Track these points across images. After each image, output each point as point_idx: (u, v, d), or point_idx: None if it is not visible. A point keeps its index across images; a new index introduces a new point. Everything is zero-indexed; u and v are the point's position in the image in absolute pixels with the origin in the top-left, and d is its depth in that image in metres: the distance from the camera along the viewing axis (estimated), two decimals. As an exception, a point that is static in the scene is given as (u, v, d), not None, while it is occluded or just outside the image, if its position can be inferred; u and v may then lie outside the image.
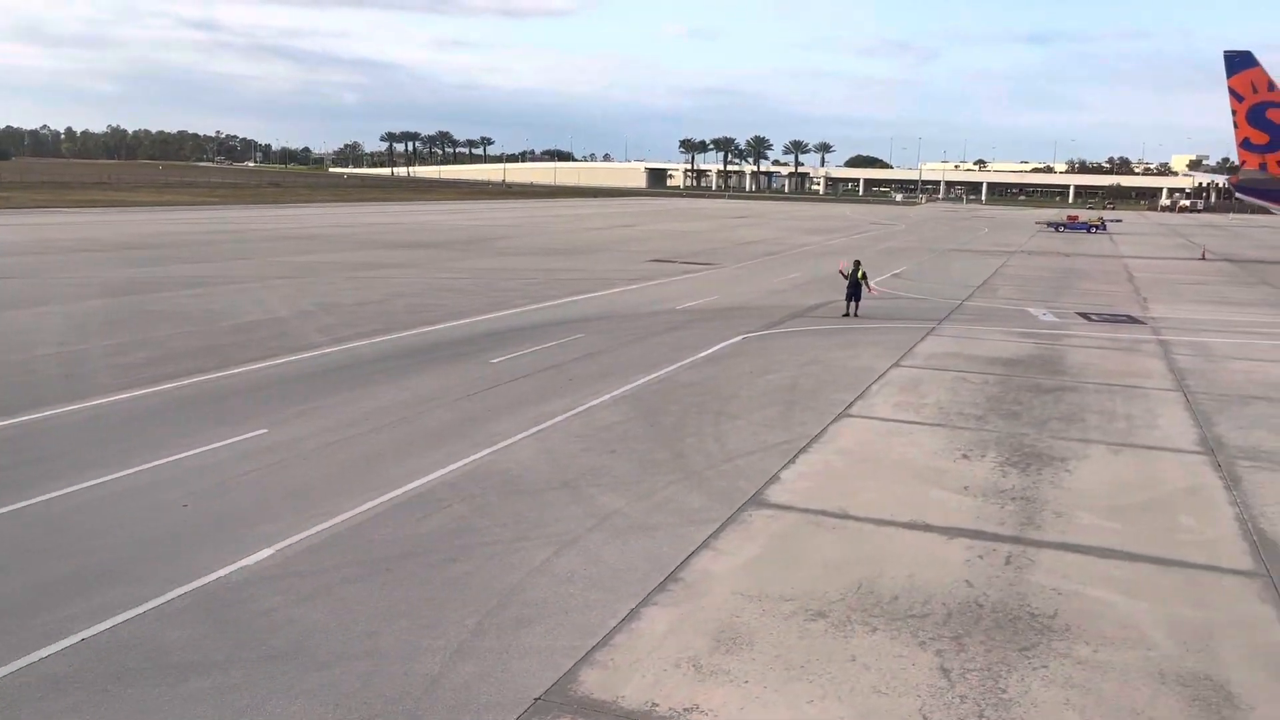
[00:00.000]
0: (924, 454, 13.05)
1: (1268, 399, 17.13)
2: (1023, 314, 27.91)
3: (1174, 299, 33.18)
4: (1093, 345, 22.48)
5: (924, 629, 7.96)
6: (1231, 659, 7.65)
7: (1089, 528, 10.44)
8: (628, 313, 25.87)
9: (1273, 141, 51.14)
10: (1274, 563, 9.60)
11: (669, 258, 44.25)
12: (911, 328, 24.19)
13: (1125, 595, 8.76)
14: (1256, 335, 24.83)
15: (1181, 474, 12.50)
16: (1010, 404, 16.12)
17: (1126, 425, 14.93)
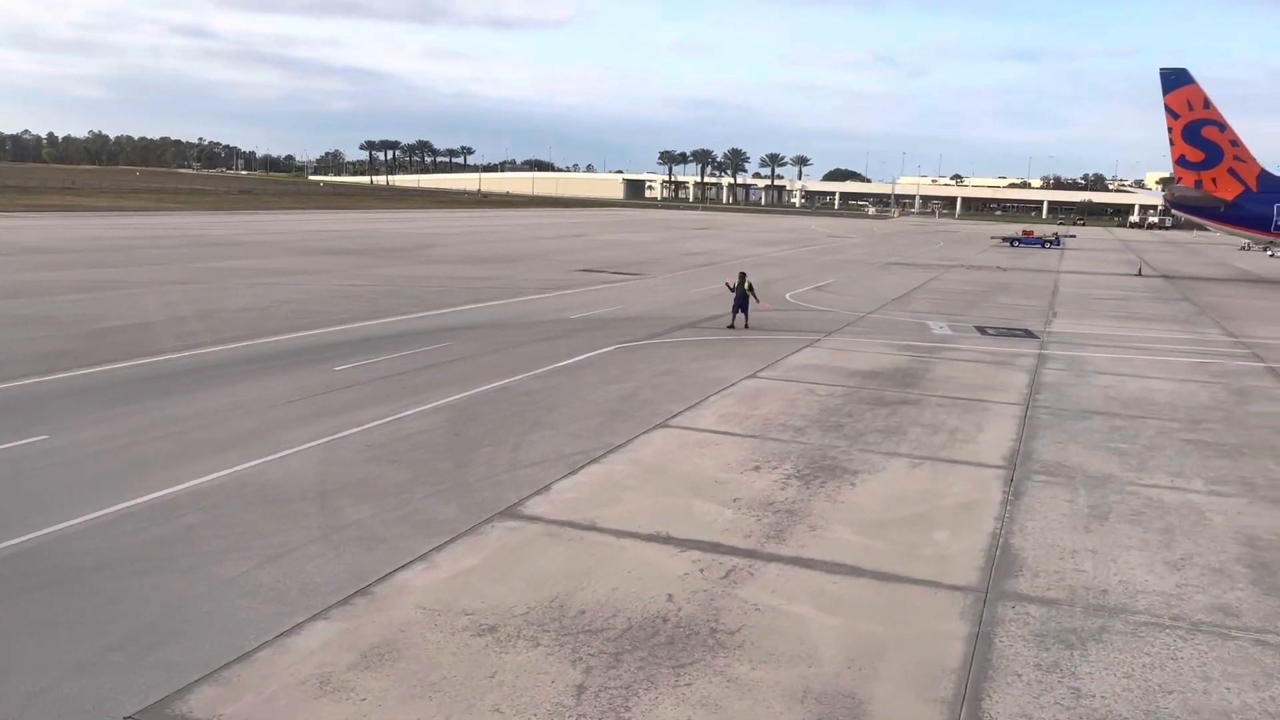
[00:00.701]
0: (717, 465, 12.88)
1: (1107, 414, 17.07)
2: (920, 327, 27.88)
3: (1084, 313, 33.26)
4: (968, 359, 22.42)
5: (589, 645, 7.76)
6: (889, 676, 7.47)
7: (834, 542, 10.28)
8: (516, 321, 25.67)
9: (1208, 159, 51.53)
10: (1000, 579, 9.47)
11: (599, 267, 44.10)
12: (795, 339, 24.08)
13: (825, 611, 8.58)
14: (1142, 351, 24.85)
15: (967, 488, 12.37)
16: (841, 416, 15.99)
17: (946, 439, 14.81)
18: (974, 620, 8.50)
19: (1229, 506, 12.05)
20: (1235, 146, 51.41)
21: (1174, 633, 8.41)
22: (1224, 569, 9.96)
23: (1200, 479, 13.21)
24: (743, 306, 25.55)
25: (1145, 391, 19.29)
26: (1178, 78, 51.74)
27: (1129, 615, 8.74)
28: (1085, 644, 8.14)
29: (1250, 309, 37.55)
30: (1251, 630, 8.52)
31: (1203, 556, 10.27)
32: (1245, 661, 7.94)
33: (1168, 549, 10.45)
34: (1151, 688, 7.46)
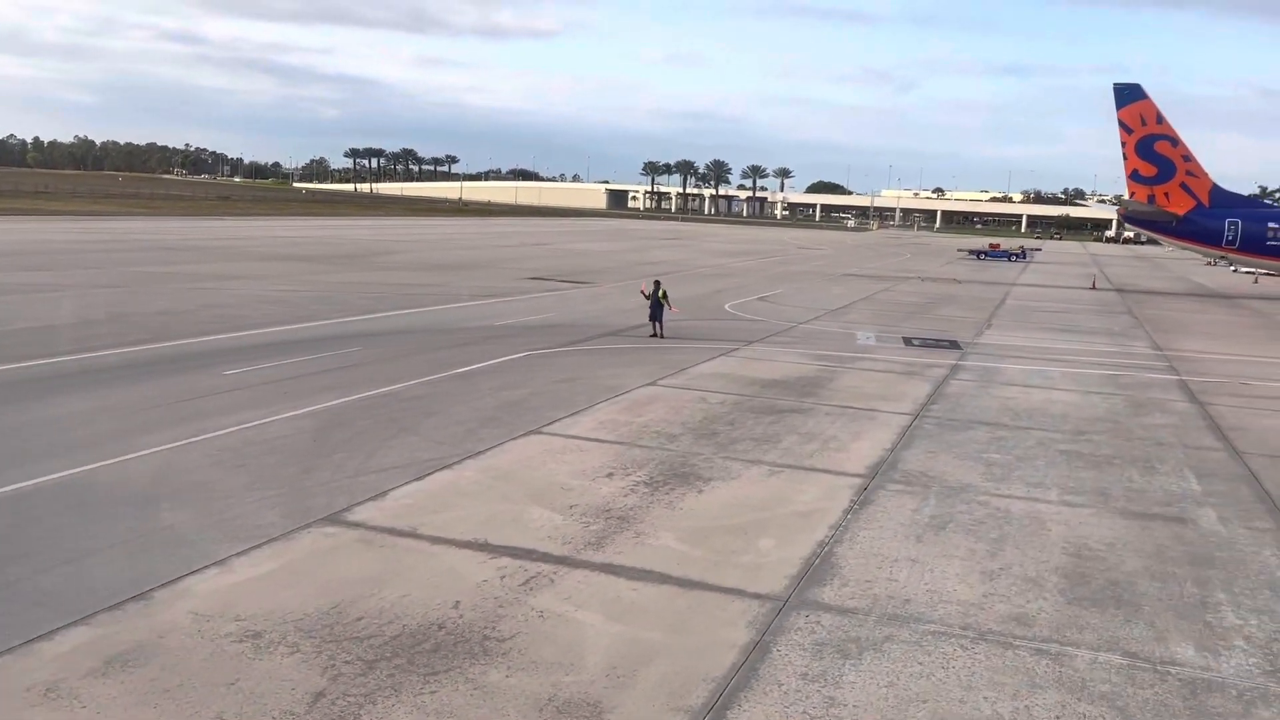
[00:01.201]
0: (571, 472, 12.78)
1: (995, 424, 17.06)
2: (848, 337, 27.89)
3: (1021, 325, 33.36)
4: (880, 369, 22.42)
5: (350, 652, 7.63)
6: (645, 685, 7.36)
7: (654, 549, 10.18)
8: (437, 328, 25.54)
9: (1161, 174, 51.87)
10: (806, 588, 9.39)
11: (550, 276, 44.02)
12: (713, 348, 24.02)
13: (611, 619, 8.48)
14: (1062, 363, 24.90)
15: (815, 497, 12.30)
16: (722, 424, 15.92)
17: (818, 447, 14.76)
18: (760, 629, 8.42)
19: (1074, 517, 12.02)
20: (1188, 161, 51.78)
21: (957, 642, 8.35)
22: (1039, 579, 9.91)
23: (1057, 489, 13.19)
24: (657, 315, 25.51)
25: (1045, 403, 19.31)
26: (1131, 93, 52.10)
27: (920, 625, 8.68)
28: (863, 653, 8.07)
29: (1190, 322, 37.76)
30: (1037, 640, 8.46)
31: (1023, 567, 10.22)
32: (1016, 671, 7.88)
33: (991, 559, 10.41)
34: (908, 697, 7.39)
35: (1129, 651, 8.34)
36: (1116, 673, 7.94)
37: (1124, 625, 8.87)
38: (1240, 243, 50.60)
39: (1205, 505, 12.82)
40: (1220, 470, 14.71)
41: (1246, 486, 13.86)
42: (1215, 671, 8.05)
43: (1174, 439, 16.68)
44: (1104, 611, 9.16)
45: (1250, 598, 9.70)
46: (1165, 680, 7.86)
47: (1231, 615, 9.24)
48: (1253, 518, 12.36)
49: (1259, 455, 15.80)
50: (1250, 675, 8.01)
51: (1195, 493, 13.41)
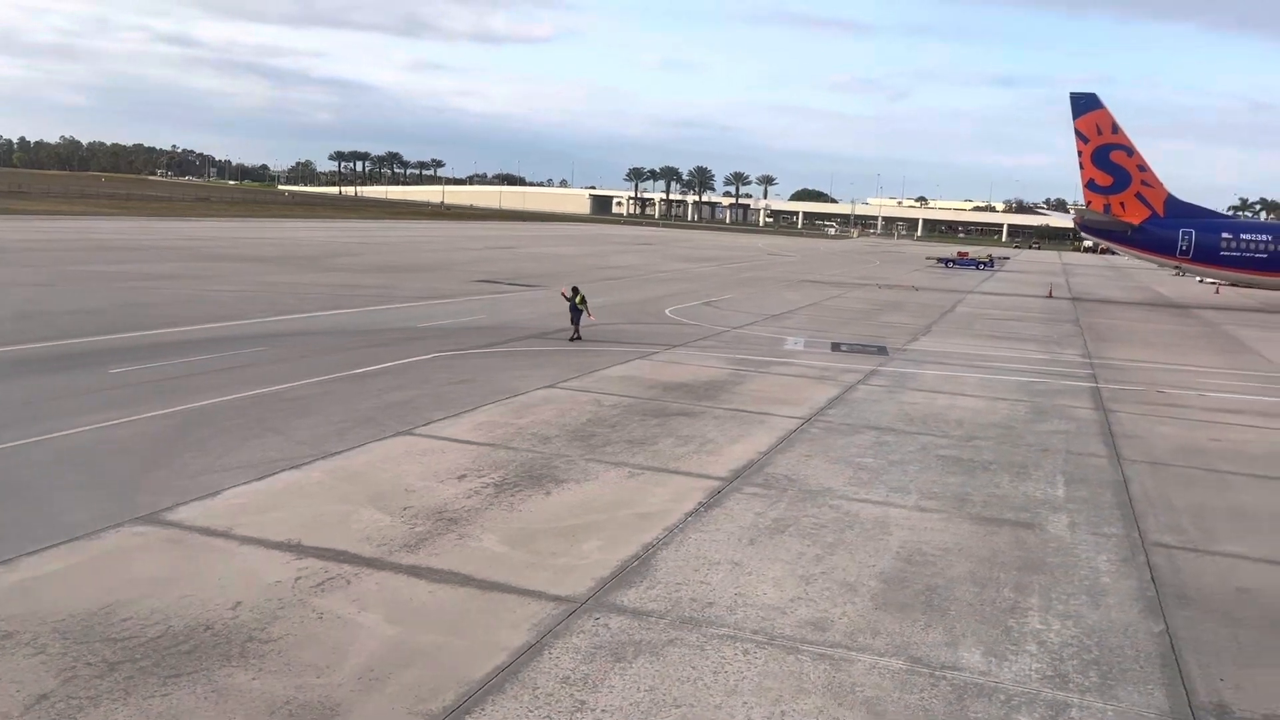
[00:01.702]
0: (423, 473, 12.61)
1: (884, 429, 16.97)
2: (777, 342, 27.79)
3: (959, 332, 33.34)
4: (793, 374, 22.32)
5: (98, 654, 7.44)
6: (395, 687, 7.20)
7: (470, 551, 10.02)
8: (358, 329, 25.34)
9: (1116, 183, 52.06)
10: (611, 591, 9.24)
11: (500, 279, 43.85)
12: (632, 352, 23.89)
13: (390, 621, 8.30)
14: (983, 369, 24.85)
15: (664, 500, 12.15)
16: (604, 427, 15.77)
17: (691, 450, 14.62)
18: (542, 632, 8.26)
19: (922, 522, 11.92)
20: (1143, 171, 52.00)
21: (742, 647, 8.21)
22: (857, 584, 9.79)
23: (918, 494, 13.08)
24: (577, 319, 25.38)
25: (947, 408, 19.24)
26: (1087, 102, 52.30)
27: (712, 629, 8.54)
28: (637, 657, 7.93)
29: (1132, 331, 37.83)
30: (825, 645, 8.34)
31: (845, 571, 10.11)
32: (788, 677, 7.75)
33: (816, 564, 10.28)
34: (663, 702, 7.25)
35: (914, 657, 8.23)
36: (891, 678, 7.82)
37: (921, 630, 8.76)
38: (1194, 253, 50.81)
39: (1062, 511, 12.74)
40: (1094, 477, 14.64)
41: (1112, 493, 13.79)
42: (992, 677, 7.94)
43: (1061, 445, 16.61)
44: (906, 617, 9.04)
45: (1064, 603, 9.61)
46: (937, 685, 7.74)
47: (1036, 621, 9.13)
48: (1104, 524, 12.28)
49: (1140, 462, 15.76)
50: (1026, 681, 7.91)
51: (1057, 499, 13.32)
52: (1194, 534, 12.14)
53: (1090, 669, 8.19)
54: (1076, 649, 8.55)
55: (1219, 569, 10.92)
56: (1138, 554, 11.19)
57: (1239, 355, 31.63)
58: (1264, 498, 14.02)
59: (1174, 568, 10.85)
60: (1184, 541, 11.83)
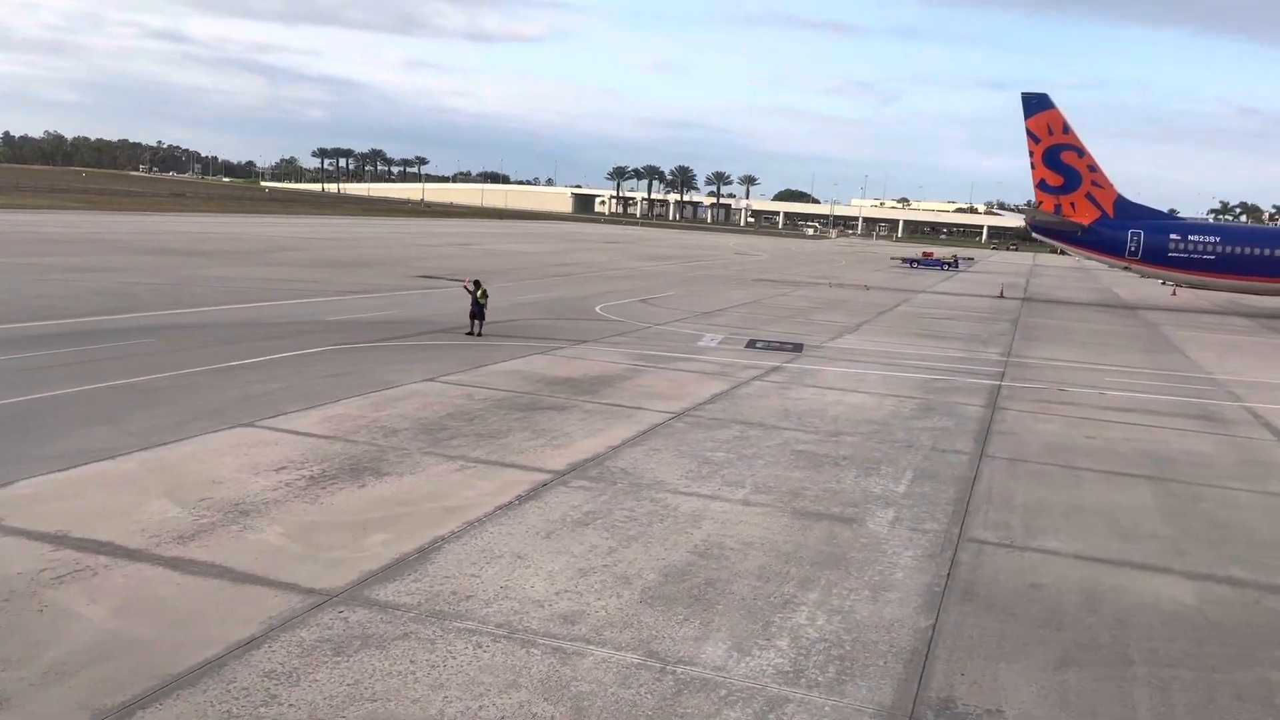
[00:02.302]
0: (243, 466, 12.35)
1: (752, 424, 16.78)
2: (693, 339, 27.61)
3: (887, 331, 33.22)
4: (691, 370, 22.14)
5: None
6: (79, 681, 6.95)
7: (246, 543, 9.75)
8: (265, 321, 25.04)
9: (1067, 184, 52.16)
10: (374, 584, 9.01)
11: (441, 275, 43.52)
12: (531, 347, 23.67)
13: (117, 614, 8.03)
14: (892, 367, 24.72)
15: (483, 493, 11.92)
16: (459, 420, 15.53)
17: (538, 444, 14.38)
18: (272, 625, 8.05)
19: (740, 516, 11.74)
20: (1093, 172, 52.11)
21: (478, 640, 8.00)
22: (635, 577, 9.60)
23: (751, 489, 12.91)
24: (478, 314, 25.13)
25: (830, 405, 19.10)
26: (1039, 102, 52.37)
27: (457, 622, 8.32)
28: (360, 651, 7.70)
29: (1066, 330, 37.80)
30: (565, 639, 8.13)
31: (630, 565, 9.91)
32: (509, 670, 7.54)
33: (604, 557, 10.08)
34: (360, 696, 7.03)
35: (652, 651, 8.04)
36: (616, 672, 7.64)
37: (676, 625, 8.57)
38: (1142, 253, 50.93)
39: (893, 507, 12.59)
40: (945, 473, 14.50)
41: (955, 489, 13.65)
42: (723, 672, 7.76)
43: (929, 442, 16.48)
44: (669, 610, 8.86)
45: (843, 599, 9.44)
46: (660, 680, 7.55)
47: (803, 616, 8.96)
48: (928, 520, 12.13)
49: (1001, 459, 15.64)
50: (757, 677, 7.73)
51: (894, 494, 13.17)
52: (1016, 530, 12.01)
53: (832, 665, 8.02)
54: (829, 645, 8.39)
55: (1022, 565, 10.79)
56: (946, 550, 11.04)
57: (1163, 355, 31.63)
58: (1106, 494, 13.91)
59: (977, 564, 10.72)
60: (1002, 538, 11.70)
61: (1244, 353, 33.73)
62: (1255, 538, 12.30)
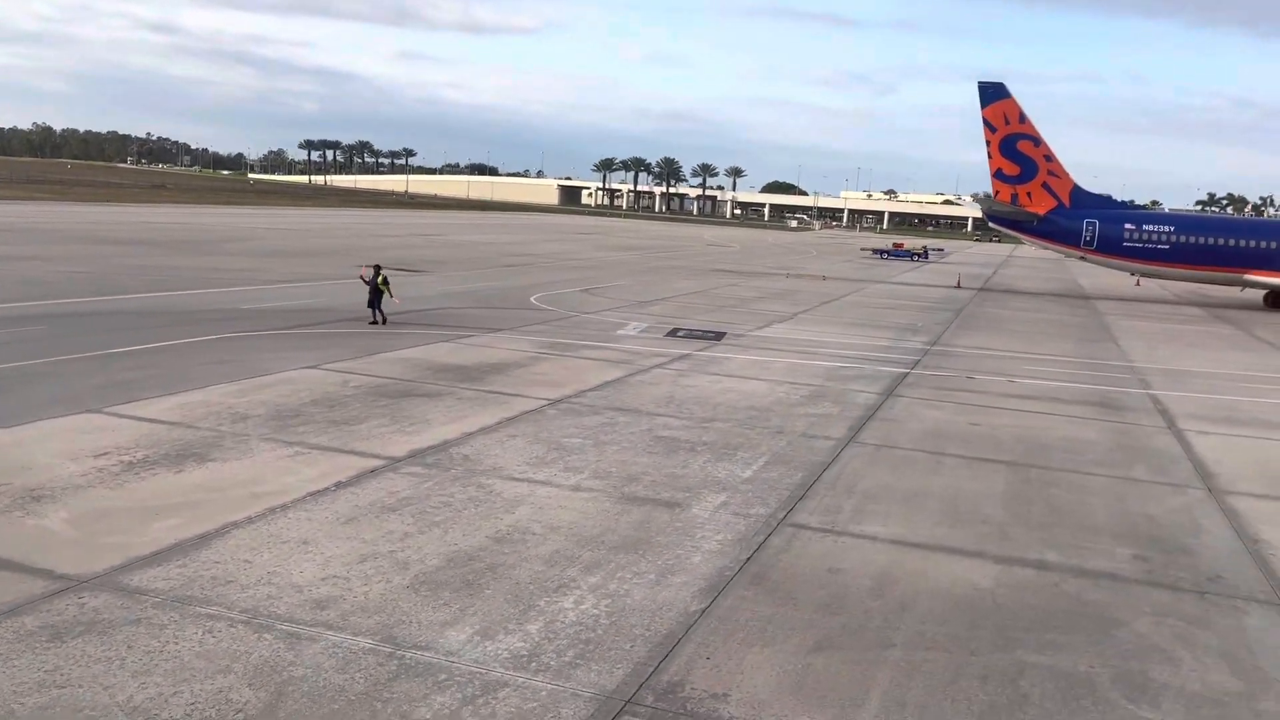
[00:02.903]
0: (59, 452, 12.08)
1: (627, 410, 16.60)
2: (616, 327, 27.44)
3: (820, 320, 33.05)
4: (594, 358, 21.94)
5: None
6: None
7: (17, 529, 9.55)
8: (175, 309, 24.74)
9: (1024, 173, 52.01)
10: (133, 570, 8.82)
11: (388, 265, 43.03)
12: (437, 335, 23.47)
13: None
14: (806, 355, 24.57)
15: (304, 479, 11.70)
16: (320, 407, 15.32)
17: (392, 430, 14.19)
18: (34, 615, 7.87)
19: (561, 501, 11.56)
20: (1049, 161, 51.96)
21: (212, 625, 7.79)
22: (415, 563, 9.42)
23: (590, 474, 12.72)
24: (376, 302, 24.83)
25: (719, 392, 18.89)
26: (995, 91, 52.18)
27: (200, 607, 8.11)
28: (80, 637, 7.48)
29: (1008, 319, 37.69)
30: (307, 624, 7.93)
31: (418, 550, 9.73)
32: (227, 656, 7.32)
33: (396, 542, 9.90)
34: (51, 683, 6.82)
35: (390, 637, 7.83)
36: (340, 658, 7.43)
37: (431, 610, 8.37)
38: (1097, 243, 50.83)
39: (727, 492, 12.42)
40: (802, 459, 14.36)
41: (804, 475, 13.50)
42: (453, 657, 7.55)
43: (802, 429, 16.33)
44: (433, 596, 8.66)
45: (622, 583, 9.24)
46: (384, 665, 7.34)
47: (570, 601, 8.76)
48: (757, 505, 11.96)
49: (869, 445, 15.51)
50: (487, 661, 7.50)
51: (736, 480, 13.01)
52: (845, 515, 11.87)
53: (573, 649, 7.87)
54: (582, 629, 8.23)
55: (831, 549, 10.65)
56: (759, 535, 10.89)
57: (1094, 344, 31.53)
58: (959, 480, 13.78)
59: (785, 548, 10.57)
60: (825, 523, 11.55)
61: (1179, 342, 33.66)
62: (1088, 523, 12.18)
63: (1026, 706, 7.49)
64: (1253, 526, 12.51)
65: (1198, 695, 7.85)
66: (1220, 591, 10.16)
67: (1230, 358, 30.10)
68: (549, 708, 6.97)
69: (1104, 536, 11.72)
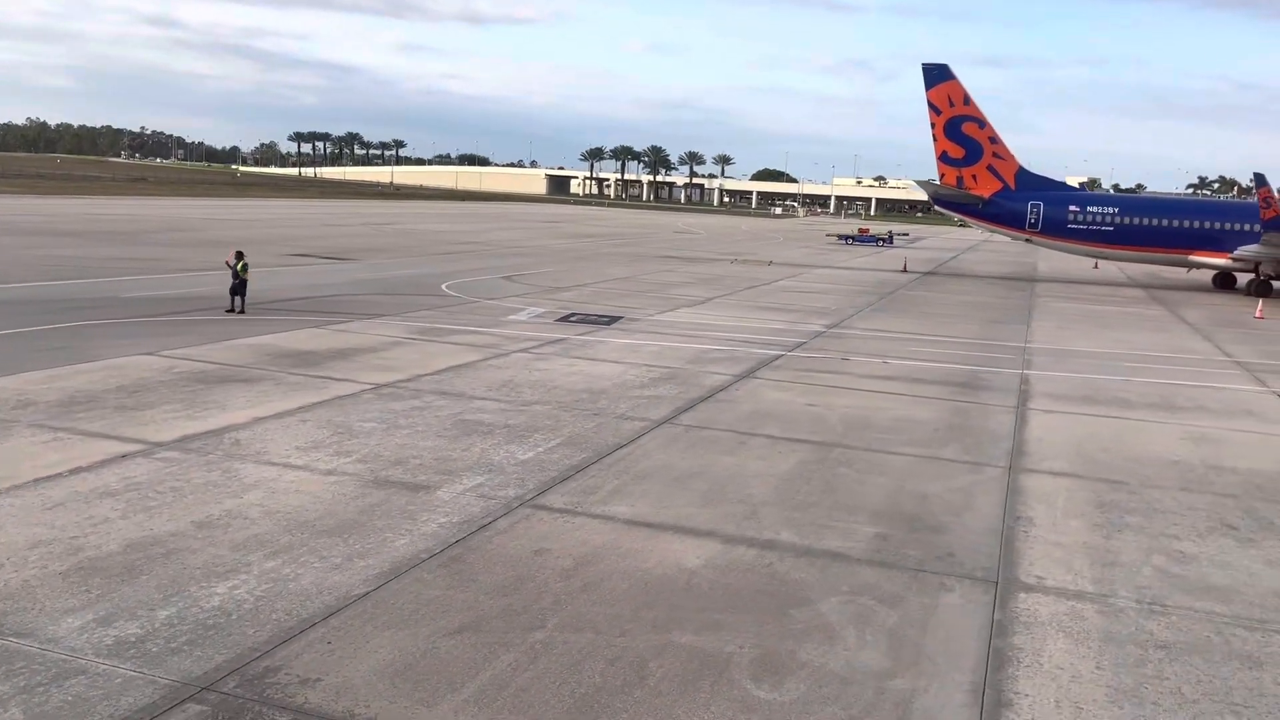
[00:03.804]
0: None
1: (444, 394, 16.32)
2: (510, 312, 27.11)
3: (728, 305, 32.66)
4: (458, 343, 21.60)
5: None
6: None
7: None
8: (53, 298, 24.41)
9: (968, 155, 51.59)
10: None
11: (319, 253, 42.96)
12: (308, 321, 23.20)
13: None
14: (691, 339, 24.25)
15: (49, 463, 11.41)
16: (124, 393, 14.98)
17: (177, 416, 13.89)
18: None
19: (303, 485, 11.24)
20: (994, 144, 51.50)
21: None
22: (91, 547, 9.11)
23: (355, 458, 12.41)
24: (239, 290, 24.41)
25: (565, 377, 18.56)
26: (939, 73, 51.70)
27: None
28: None
29: (935, 302, 37.31)
30: None
31: (103, 536, 9.43)
32: None
33: (88, 528, 9.60)
34: None
35: (2, 625, 7.65)
36: (-73, 645, 7.25)
37: (68, 598, 8.10)
38: (1042, 225, 50.42)
39: (489, 474, 12.07)
40: (602, 440, 14.04)
41: (587, 455, 13.18)
42: (52, 644, 7.29)
43: (626, 410, 16.02)
44: (81, 583, 8.38)
45: (299, 568, 8.98)
46: None
47: (225, 586, 8.51)
48: (514, 487, 11.65)
49: (683, 426, 15.20)
50: (85, 650, 7.26)
51: (508, 462, 12.68)
52: (598, 497, 11.58)
53: (188, 635, 7.57)
54: (214, 615, 7.94)
55: (551, 531, 10.35)
56: (490, 517, 10.63)
57: (1002, 326, 31.13)
58: (749, 461, 13.48)
59: (506, 530, 10.29)
60: (571, 504, 11.27)
61: (1093, 323, 33.28)
62: (852, 502, 11.89)
63: (635, 689, 7.23)
64: (1027, 505, 12.25)
65: (833, 674, 7.60)
66: (938, 570, 9.90)
67: (1137, 338, 29.79)
68: (111, 696, 6.70)
69: (860, 516, 11.45)
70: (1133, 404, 19.19)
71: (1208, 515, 12.24)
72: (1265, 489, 13.57)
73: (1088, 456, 14.84)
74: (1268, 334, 32.72)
